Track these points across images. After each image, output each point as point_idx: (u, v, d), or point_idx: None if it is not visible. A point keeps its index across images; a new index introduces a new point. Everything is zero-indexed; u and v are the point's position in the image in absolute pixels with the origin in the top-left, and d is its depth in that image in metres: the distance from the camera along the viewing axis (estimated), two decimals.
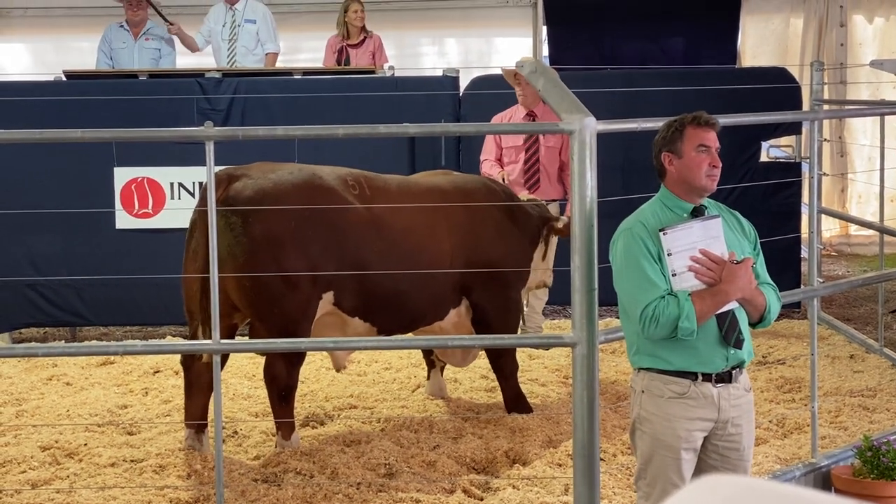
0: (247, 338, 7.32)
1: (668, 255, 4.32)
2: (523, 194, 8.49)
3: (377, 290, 6.63)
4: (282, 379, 6.48)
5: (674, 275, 4.33)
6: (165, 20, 10.64)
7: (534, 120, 8.57)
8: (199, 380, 6.46)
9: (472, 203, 7.08)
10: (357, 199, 6.62)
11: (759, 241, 4.63)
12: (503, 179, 8.33)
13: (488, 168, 8.61)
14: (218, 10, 10.66)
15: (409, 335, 7.05)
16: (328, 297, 6.54)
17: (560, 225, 7.39)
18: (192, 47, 10.87)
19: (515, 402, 7.22)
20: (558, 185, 8.77)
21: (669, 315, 4.27)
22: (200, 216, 6.31)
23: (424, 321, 6.99)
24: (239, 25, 10.53)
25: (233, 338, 6.78)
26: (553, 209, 8.65)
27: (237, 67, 10.35)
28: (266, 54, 10.61)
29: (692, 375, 4.37)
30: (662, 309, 4.28)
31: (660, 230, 4.34)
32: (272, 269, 6.27)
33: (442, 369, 7.72)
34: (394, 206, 6.71)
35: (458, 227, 6.97)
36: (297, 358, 6.59)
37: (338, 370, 7.31)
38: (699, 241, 4.36)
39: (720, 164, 4.46)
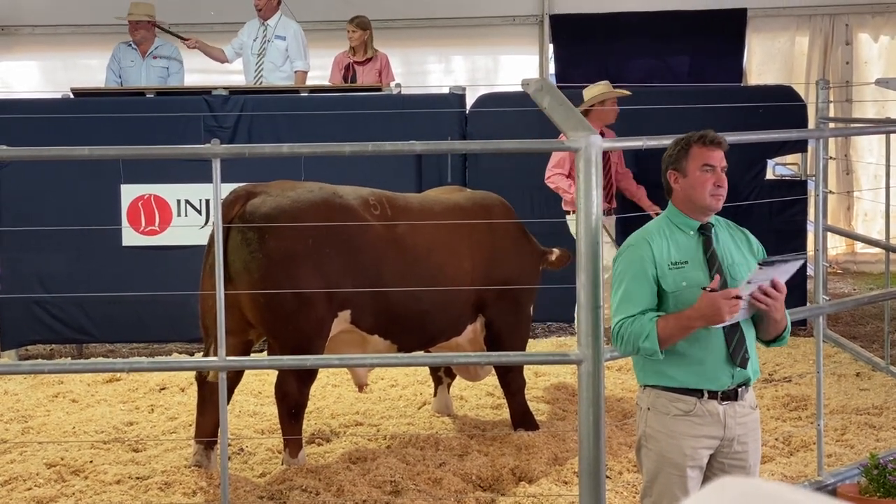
0: (263, 354, 7.34)
1: (748, 282, 4.27)
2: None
3: (397, 308, 6.64)
4: (293, 396, 6.47)
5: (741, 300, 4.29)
6: (181, 38, 10.68)
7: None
8: (213, 396, 6.39)
9: (491, 220, 7.14)
10: (378, 219, 6.64)
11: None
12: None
13: (566, 186, 8.94)
14: (252, 24, 10.71)
15: (416, 352, 7.05)
16: (344, 316, 6.54)
17: (553, 258, 7.46)
18: (220, 59, 10.91)
19: (522, 418, 7.23)
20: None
21: (632, 333, 4.30)
22: (213, 234, 6.33)
23: (444, 338, 7.04)
24: (269, 41, 10.57)
25: (248, 354, 6.78)
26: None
27: (263, 83, 10.39)
28: (295, 72, 10.64)
29: (698, 393, 4.37)
30: (628, 326, 4.32)
31: (758, 262, 4.30)
32: (287, 286, 6.27)
33: (449, 386, 7.72)
34: (413, 223, 6.73)
35: (478, 245, 7.03)
36: (308, 375, 6.59)
37: (360, 388, 7.34)
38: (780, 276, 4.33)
39: (725, 184, 4.46)
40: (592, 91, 9.08)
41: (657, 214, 8.67)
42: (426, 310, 6.76)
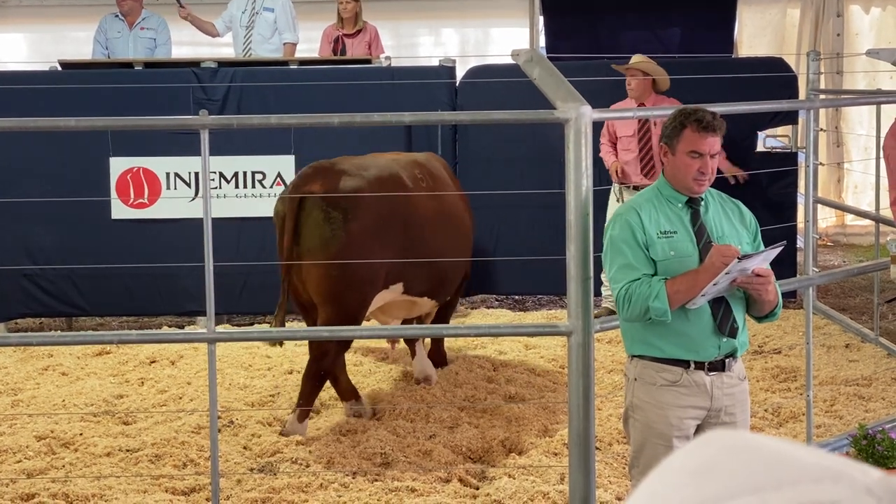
0: (256, 326, 7.33)
1: (726, 273, 4.25)
2: (636, 180, 8.87)
3: (442, 274, 7.16)
4: (329, 358, 6.67)
5: (714, 284, 4.27)
6: (179, 3, 10.61)
7: None
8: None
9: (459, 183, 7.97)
10: (424, 192, 7.15)
11: (759, 230, 4.63)
12: (616, 171, 8.97)
13: (605, 153, 9.12)
14: None
15: (407, 325, 7.08)
16: (397, 288, 6.91)
17: None
18: (211, 33, 10.83)
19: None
20: None
21: (641, 294, 4.29)
22: (291, 205, 6.55)
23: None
24: (257, 13, 10.49)
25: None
26: None
27: (252, 55, 10.32)
28: (284, 44, 10.57)
29: (684, 363, 4.37)
30: (635, 289, 4.31)
31: (737, 257, 4.26)
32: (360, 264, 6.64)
33: (424, 342, 7.84)
34: (443, 194, 7.35)
35: (468, 205, 7.70)
36: (346, 342, 6.93)
37: (392, 345, 7.91)
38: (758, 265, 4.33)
39: (709, 172, 4.41)
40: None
41: (736, 178, 8.77)
42: (460, 270, 7.43)
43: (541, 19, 13.06)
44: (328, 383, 7.29)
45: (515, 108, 7.88)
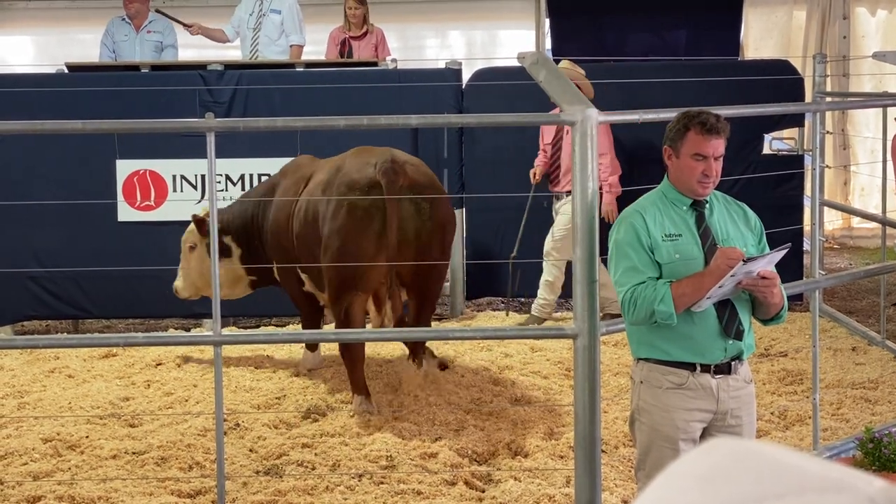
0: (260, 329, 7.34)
1: (731, 275, 4.25)
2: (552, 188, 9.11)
3: None
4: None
5: (719, 287, 4.27)
6: (184, 25, 10.63)
7: None
8: (360, 353, 7.04)
9: None
10: None
11: (764, 233, 4.62)
12: (533, 176, 9.14)
13: (537, 161, 9.30)
14: None
15: (411, 328, 7.09)
16: None
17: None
18: (222, 39, 10.85)
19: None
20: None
21: (646, 297, 4.28)
22: (390, 201, 6.73)
23: None
24: (264, 15, 10.50)
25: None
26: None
27: (259, 57, 10.33)
28: (290, 46, 10.58)
29: (691, 366, 4.36)
30: (640, 292, 4.30)
31: (742, 259, 4.26)
32: (443, 252, 7.13)
33: None
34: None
35: None
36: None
37: None
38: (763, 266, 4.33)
39: (714, 174, 4.40)
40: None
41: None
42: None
43: (547, 22, 13.07)
44: (341, 377, 7.32)
45: (521, 111, 7.89)
